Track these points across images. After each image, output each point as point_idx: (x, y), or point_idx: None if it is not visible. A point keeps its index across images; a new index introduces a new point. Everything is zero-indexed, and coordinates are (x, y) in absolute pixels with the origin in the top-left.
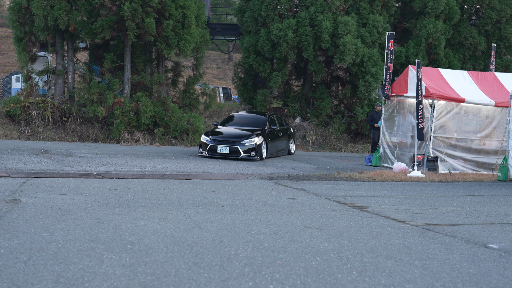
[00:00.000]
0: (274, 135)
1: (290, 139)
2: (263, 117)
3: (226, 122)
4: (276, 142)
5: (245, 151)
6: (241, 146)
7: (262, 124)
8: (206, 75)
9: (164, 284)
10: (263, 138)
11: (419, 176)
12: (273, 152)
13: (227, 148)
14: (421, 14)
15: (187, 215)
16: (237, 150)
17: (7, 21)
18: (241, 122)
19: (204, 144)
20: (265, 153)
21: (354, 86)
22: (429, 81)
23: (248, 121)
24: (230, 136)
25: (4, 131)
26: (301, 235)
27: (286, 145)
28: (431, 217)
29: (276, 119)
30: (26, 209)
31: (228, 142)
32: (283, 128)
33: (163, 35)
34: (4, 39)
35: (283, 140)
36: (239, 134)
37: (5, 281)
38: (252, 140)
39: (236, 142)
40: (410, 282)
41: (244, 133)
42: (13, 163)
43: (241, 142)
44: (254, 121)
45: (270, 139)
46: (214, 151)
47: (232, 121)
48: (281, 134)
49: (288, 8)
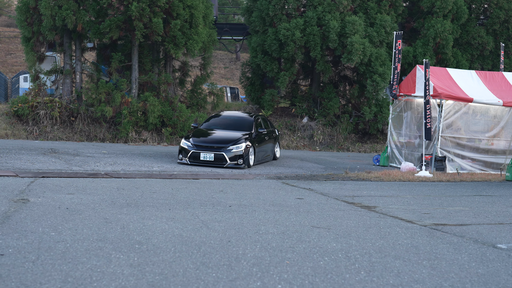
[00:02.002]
0: (261, 139)
1: (275, 143)
2: (249, 119)
3: (208, 124)
4: (263, 147)
5: (231, 158)
6: (228, 152)
7: (248, 126)
8: (213, 75)
9: (172, 284)
10: (250, 143)
11: (427, 176)
12: (260, 158)
13: (212, 155)
14: (429, 14)
15: (195, 214)
16: (222, 158)
17: (15, 21)
18: (225, 124)
19: (184, 150)
20: (252, 160)
21: (361, 86)
22: (437, 80)
23: (233, 123)
24: (215, 141)
25: (12, 130)
26: (309, 235)
27: (271, 150)
28: (439, 217)
29: (262, 120)
30: (34, 209)
31: (213, 148)
32: (269, 131)
33: (170, 35)
34: (12, 39)
35: (269, 144)
36: (225, 139)
37: (14, 280)
38: (239, 145)
39: (221, 148)
40: (418, 282)
41: (231, 138)
42: (21, 162)
43: (228, 148)
44: (239, 123)
45: (257, 144)
46: (197, 158)
47: (214, 123)
48: (267, 138)
49: (295, 8)
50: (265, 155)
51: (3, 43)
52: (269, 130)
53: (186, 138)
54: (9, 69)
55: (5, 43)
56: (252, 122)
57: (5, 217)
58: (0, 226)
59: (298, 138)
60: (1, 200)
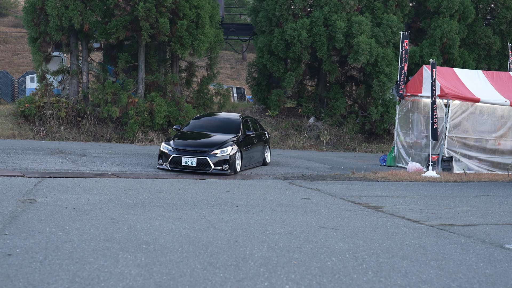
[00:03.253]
0: (249, 143)
1: (265, 146)
2: (236, 120)
3: (192, 126)
4: (251, 151)
5: (216, 164)
6: (212, 157)
7: (235, 129)
8: (220, 75)
9: (180, 284)
10: (237, 147)
11: (434, 176)
12: (247, 163)
13: (194, 160)
14: (436, 14)
15: (202, 215)
16: (206, 163)
17: (22, 22)
18: (210, 126)
19: (164, 155)
20: (239, 166)
21: (368, 86)
22: (444, 80)
23: (219, 124)
24: (198, 145)
25: (19, 131)
26: (316, 235)
27: (261, 154)
28: (447, 217)
29: (251, 122)
30: (41, 209)
31: (195, 152)
32: (258, 134)
33: (177, 35)
34: (19, 40)
35: (258, 148)
36: (209, 142)
37: (21, 280)
38: (225, 149)
39: (205, 152)
40: (426, 283)
41: (215, 141)
42: (28, 163)
43: (212, 153)
44: (226, 125)
45: (245, 147)
46: (178, 163)
47: (198, 125)
48: (256, 141)
49: (302, 8)
50: (253, 160)
51: (9, 44)
52: (259, 132)
53: (166, 141)
54: (16, 69)
55: (11, 43)
56: (239, 124)
57: (12, 217)
58: (8, 226)
59: (305, 138)
60: (8, 200)
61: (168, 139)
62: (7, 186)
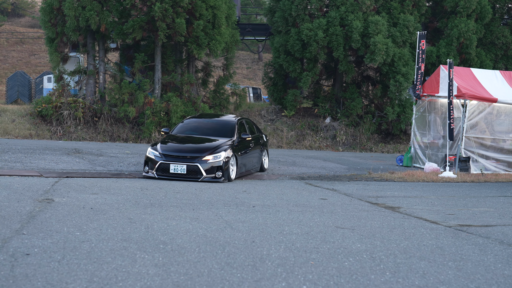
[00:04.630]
0: (245, 147)
1: (262, 151)
2: (230, 122)
3: (182, 129)
4: (247, 156)
5: (208, 171)
6: (203, 163)
7: (229, 132)
8: (236, 75)
9: (197, 284)
10: (232, 151)
11: (451, 177)
12: (243, 170)
13: (184, 167)
14: (453, 14)
15: (219, 215)
16: (197, 170)
17: (39, 22)
18: (202, 129)
19: (151, 161)
20: (234, 173)
21: (384, 86)
22: (461, 80)
23: (211, 127)
24: (188, 150)
25: (36, 131)
26: (333, 235)
27: (258, 159)
28: (464, 218)
29: (247, 124)
30: (58, 209)
31: (185, 158)
32: (255, 137)
33: (193, 35)
34: (36, 40)
35: (255, 152)
36: (200, 147)
37: (40, 280)
38: (218, 155)
39: (196, 158)
40: (444, 284)
41: (208, 146)
42: (45, 162)
43: (203, 159)
44: (219, 127)
45: (240, 152)
46: (166, 170)
47: (189, 127)
48: (252, 145)
49: (318, 8)
50: (250, 166)
51: (27, 44)
52: (255, 136)
53: (153, 146)
54: (33, 69)
55: (29, 44)
56: (234, 126)
57: (30, 217)
58: (26, 225)
59: (321, 139)
60: (26, 200)
61: (155, 143)
62: (25, 186)
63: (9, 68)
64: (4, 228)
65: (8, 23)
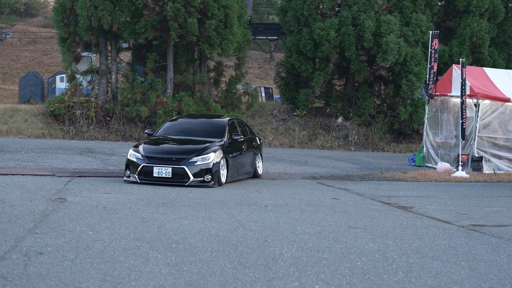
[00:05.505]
0: (236, 149)
1: (256, 154)
2: (220, 122)
3: (167, 130)
4: (240, 159)
5: (196, 174)
6: (190, 166)
7: (219, 132)
8: (248, 75)
9: (210, 283)
10: (222, 153)
11: (464, 177)
12: (234, 174)
13: (169, 170)
14: (465, 13)
15: (231, 214)
16: (183, 173)
17: (52, 22)
18: (189, 130)
19: (132, 164)
20: (224, 176)
21: (396, 86)
22: (474, 80)
23: (200, 128)
24: (174, 151)
25: (49, 130)
26: (345, 235)
27: (251, 163)
28: (477, 218)
29: (238, 125)
30: (71, 208)
31: (170, 160)
32: (247, 139)
33: (205, 35)
34: (48, 40)
35: (248, 156)
36: (188, 148)
37: (53, 279)
38: (206, 156)
39: (182, 160)
40: (457, 283)
41: (195, 147)
42: (58, 162)
43: (190, 161)
44: (208, 128)
45: (232, 154)
46: (149, 174)
47: (174, 128)
48: (245, 147)
49: (330, 8)
50: (242, 170)
51: (39, 44)
52: (248, 137)
53: (135, 148)
54: (45, 69)
55: (41, 43)
56: (225, 127)
57: (43, 216)
58: (39, 225)
59: (333, 138)
60: (39, 199)
61: (137, 145)
62: (37, 185)
63: (22, 68)
64: (17, 227)
65: (20, 23)
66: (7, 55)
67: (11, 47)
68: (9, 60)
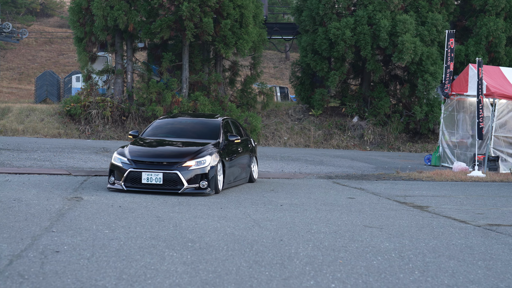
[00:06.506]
0: (232, 151)
1: (251, 157)
2: (214, 122)
3: (154, 130)
4: (236, 163)
5: (190, 180)
6: (184, 171)
7: (213, 133)
8: (263, 75)
9: (226, 282)
10: (219, 156)
11: (480, 176)
12: (231, 179)
13: (160, 176)
14: (481, 12)
15: (246, 213)
16: (176, 179)
17: (68, 22)
18: (180, 131)
19: (118, 169)
20: (221, 182)
21: (412, 85)
22: (490, 79)
23: (191, 128)
24: (165, 155)
25: (65, 130)
26: (361, 234)
27: (247, 168)
28: (493, 218)
29: (232, 125)
30: (87, 207)
31: (161, 164)
32: (243, 140)
33: (221, 35)
34: (64, 40)
35: (244, 159)
36: (180, 151)
37: (69, 277)
38: (202, 160)
39: (174, 164)
40: (474, 283)
41: (189, 149)
42: (74, 161)
43: (184, 165)
44: (201, 128)
45: (228, 157)
46: (137, 181)
47: (164, 129)
48: (241, 149)
49: (345, 7)
50: (239, 175)
51: (55, 44)
52: (244, 139)
53: (120, 151)
54: (61, 69)
55: (57, 43)
56: (218, 127)
57: (59, 215)
58: (55, 223)
59: (348, 138)
60: (55, 198)
61: (121, 148)
62: (54, 184)
63: (38, 67)
64: (34, 225)
65: (37, 23)
66: (23, 55)
67: (27, 47)
68: (25, 60)
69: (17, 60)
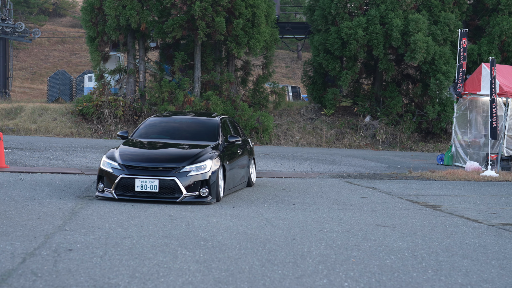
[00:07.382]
0: (232, 154)
1: (250, 159)
2: (212, 122)
3: (146, 131)
4: (237, 167)
5: (189, 187)
6: (182, 177)
7: (211, 134)
8: (275, 74)
9: (239, 280)
10: (220, 160)
11: (493, 176)
12: (231, 185)
13: (155, 183)
14: (494, 11)
15: (259, 212)
16: (174, 186)
17: (80, 21)
18: (174, 131)
19: (107, 175)
20: (222, 189)
21: (425, 85)
22: (503, 79)
23: (187, 128)
24: (160, 159)
25: (77, 129)
26: (374, 233)
27: (246, 170)
28: (507, 217)
29: (230, 124)
30: (100, 205)
31: (156, 170)
32: (243, 141)
33: (233, 34)
34: (77, 39)
35: (243, 161)
36: (177, 154)
37: (82, 275)
38: (202, 165)
39: (171, 169)
40: (487, 282)
41: (187, 152)
42: (87, 160)
43: (182, 170)
44: (198, 128)
45: (229, 161)
46: (129, 188)
47: (156, 130)
48: (240, 151)
49: (358, 6)
50: (238, 180)
51: (68, 44)
52: (243, 139)
53: (110, 155)
54: (74, 68)
55: (69, 43)
56: (217, 127)
57: (72, 213)
58: (68, 222)
59: (360, 137)
60: (68, 197)
61: (111, 152)
62: (66, 183)
63: (51, 67)
64: (47, 224)
65: (49, 23)
66: (36, 55)
67: (40, 47)
68: (38, 60)
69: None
